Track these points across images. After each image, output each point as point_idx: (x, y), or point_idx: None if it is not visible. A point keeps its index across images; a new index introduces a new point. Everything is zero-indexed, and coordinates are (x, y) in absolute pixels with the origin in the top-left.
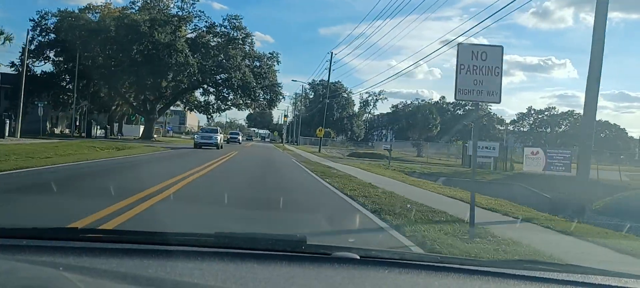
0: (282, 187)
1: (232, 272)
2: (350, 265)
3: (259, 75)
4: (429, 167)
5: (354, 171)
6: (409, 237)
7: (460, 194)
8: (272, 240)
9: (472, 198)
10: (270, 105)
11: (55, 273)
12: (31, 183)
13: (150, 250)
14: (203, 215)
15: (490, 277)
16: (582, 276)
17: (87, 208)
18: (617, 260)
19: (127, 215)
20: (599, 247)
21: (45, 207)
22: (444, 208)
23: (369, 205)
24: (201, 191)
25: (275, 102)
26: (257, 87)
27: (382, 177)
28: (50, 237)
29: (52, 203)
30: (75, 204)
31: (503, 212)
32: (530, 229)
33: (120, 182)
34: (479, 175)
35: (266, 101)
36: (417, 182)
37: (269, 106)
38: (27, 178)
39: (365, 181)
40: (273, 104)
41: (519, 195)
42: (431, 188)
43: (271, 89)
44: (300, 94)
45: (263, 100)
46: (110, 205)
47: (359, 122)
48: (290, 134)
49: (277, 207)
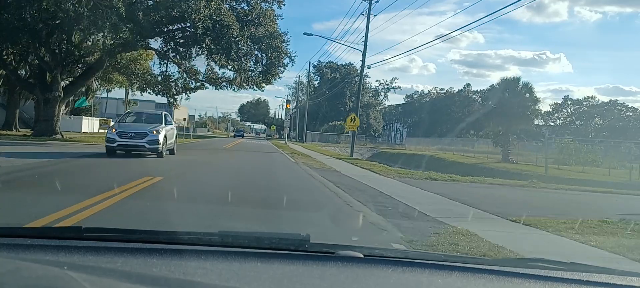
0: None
1: (235, 271)
2: (354, 264)
3: (246, 23)
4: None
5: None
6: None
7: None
8: (276, 238)
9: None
10: (267, 75)
11: (59, 272)
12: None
13: (155, 249)
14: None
15: (495, 276)
16: (587, 274)
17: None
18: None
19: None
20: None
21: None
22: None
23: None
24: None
25: (275, 71)
26: (241, 39)
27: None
28: (54, 236)
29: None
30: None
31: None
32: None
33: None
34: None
35: (261, 70)
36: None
37: (265, 78)
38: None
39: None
40: (272, 73)
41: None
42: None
43: (268, 46)
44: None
45: (254, 69)
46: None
47: (376, 113)
48: (292, 128)
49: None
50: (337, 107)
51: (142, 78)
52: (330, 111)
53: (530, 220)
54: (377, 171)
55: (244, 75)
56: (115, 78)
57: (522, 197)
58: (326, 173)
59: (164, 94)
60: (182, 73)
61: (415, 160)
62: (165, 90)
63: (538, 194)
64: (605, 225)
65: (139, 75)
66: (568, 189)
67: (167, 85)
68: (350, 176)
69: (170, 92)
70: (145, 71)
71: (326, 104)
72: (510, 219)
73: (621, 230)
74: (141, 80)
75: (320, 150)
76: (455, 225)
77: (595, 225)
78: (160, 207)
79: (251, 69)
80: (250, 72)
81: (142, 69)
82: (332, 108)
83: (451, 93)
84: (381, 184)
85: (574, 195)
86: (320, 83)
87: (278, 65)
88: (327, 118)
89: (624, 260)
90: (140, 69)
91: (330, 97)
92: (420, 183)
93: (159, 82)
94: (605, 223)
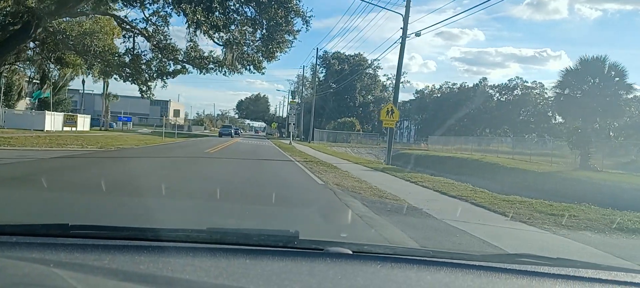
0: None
1: (224, 268)
2: (343, 260)
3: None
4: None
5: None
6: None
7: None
8: (264, 235)
9: None
10: (268, 46)
11: (46, 270)
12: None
13: (143, 246)
14: None
15: (482, 271)
16: (573, 270)
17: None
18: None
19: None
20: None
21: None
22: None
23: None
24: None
25: (281, 38)
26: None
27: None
28: (40, 234)
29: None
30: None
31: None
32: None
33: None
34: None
35: (260, 38)
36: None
37: (266, 50)
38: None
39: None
40: (277, 41)
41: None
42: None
43: (269, 5)
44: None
45: (250, 41)
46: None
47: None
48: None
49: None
50: (345, 102)
51: (101, 58)
52: (339, 107)
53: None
54: (473, 199)
55: (236, 50)
56: (68, 58)
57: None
58: (418, 228)
59: (133, 80)
60: (156, 51)
61: (458, 165)
62: (134, 75)
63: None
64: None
65: (97, 54)
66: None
67: (137, 68)
68: (471, 233)
69: (142, 78)
70: (106, 49)
71: (333, 98)
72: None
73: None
74: (101, 61)
75: (337, 154)
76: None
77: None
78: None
79: (247, 41)
80: (246, 44)
81: (101, 45)
82: (340, 103)
83: (465, 88)
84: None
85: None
86: (326, 76)
87: (285, 29)
88: (334, 114)
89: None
90: (99, 46)
91: (337, 91)
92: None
93: (126, 63)
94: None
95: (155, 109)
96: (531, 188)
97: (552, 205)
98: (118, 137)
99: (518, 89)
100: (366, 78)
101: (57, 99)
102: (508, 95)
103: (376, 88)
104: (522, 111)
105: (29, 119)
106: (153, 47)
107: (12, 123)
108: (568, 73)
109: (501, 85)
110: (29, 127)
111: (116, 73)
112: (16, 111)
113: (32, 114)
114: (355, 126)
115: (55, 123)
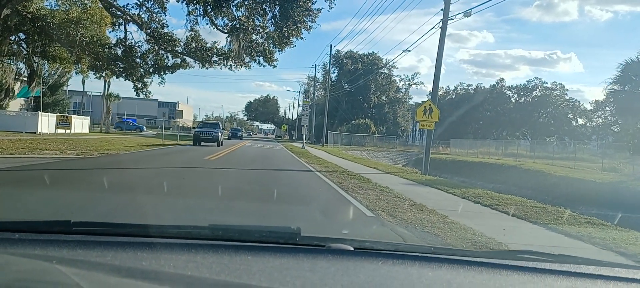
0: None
1: (226, 264)
2: (345, 257)
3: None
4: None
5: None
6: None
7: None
8: (266, 231)
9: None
10: (282, 31)
11: (48, 266)
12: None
13: (145, 243)
14: None
15: (484, 268)
16: (575, 266)
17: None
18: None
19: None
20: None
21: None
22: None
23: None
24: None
25: (299, 18)
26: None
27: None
28: (43, 230)
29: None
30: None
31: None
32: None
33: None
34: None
35: (273, 31)
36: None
37: (280, 37)
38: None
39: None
40: (293, 20)
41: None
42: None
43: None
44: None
45: (260, 28)
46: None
47: (404, 110)
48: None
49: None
50: (359, 104)
51: (89, 50)
52: (352, 108)
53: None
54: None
55: (243, 39)
56: (53, 51)
57: None
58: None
59: (127, 76)
60: (152, 42)
61: (493, 171)
62: (128, 70)
63: None
64: None
65: (84, 46)
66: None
67: (131, 62)
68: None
69: (137, 73)
70: (95, 39)
71: (346, 99)
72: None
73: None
74: (89, 53)
75: (356, 159)
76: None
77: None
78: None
79: (257, 28)
80: (255, 31)
81: (89, 35)
82: (353, 104)
83: (481, 89)
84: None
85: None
86: (338, 76)
87: (302, 9)
88: (347, 116)
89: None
90: (86, 36)
91: (350, 92)
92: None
93: (118, 56)
94: None
95: (163, 111)
96: (602, 205)
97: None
98: (113, 141)
99: (537, 90)
100: (381, 78)
101: (54, 99)
102: (526, 96)
103: (391, 89)
104: (541, 113)
105: (21, 121)
106: (148, 37)
107: (4, 125)
108: (628, 66)
109: (519, 86)
110: (20, 129)
111: (107, 67)
112: (8, 112)
113: (26, 115)
114: (371, 128)
115: (49, 125)
